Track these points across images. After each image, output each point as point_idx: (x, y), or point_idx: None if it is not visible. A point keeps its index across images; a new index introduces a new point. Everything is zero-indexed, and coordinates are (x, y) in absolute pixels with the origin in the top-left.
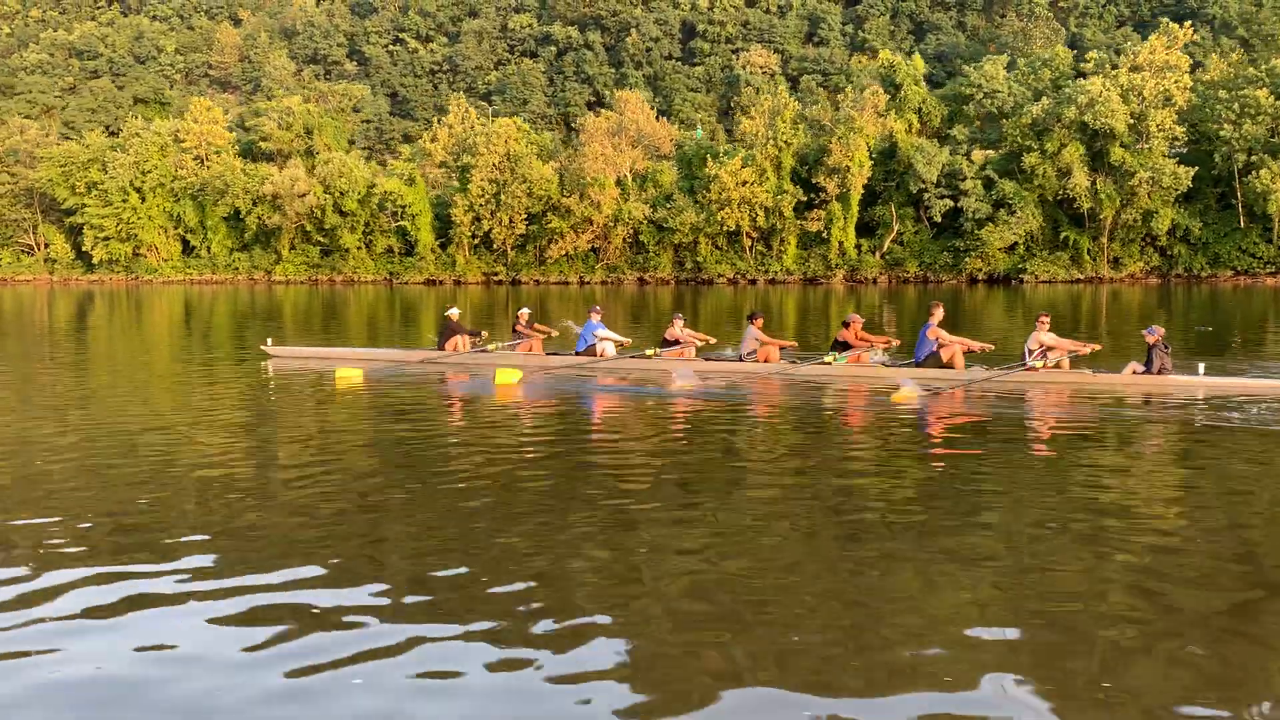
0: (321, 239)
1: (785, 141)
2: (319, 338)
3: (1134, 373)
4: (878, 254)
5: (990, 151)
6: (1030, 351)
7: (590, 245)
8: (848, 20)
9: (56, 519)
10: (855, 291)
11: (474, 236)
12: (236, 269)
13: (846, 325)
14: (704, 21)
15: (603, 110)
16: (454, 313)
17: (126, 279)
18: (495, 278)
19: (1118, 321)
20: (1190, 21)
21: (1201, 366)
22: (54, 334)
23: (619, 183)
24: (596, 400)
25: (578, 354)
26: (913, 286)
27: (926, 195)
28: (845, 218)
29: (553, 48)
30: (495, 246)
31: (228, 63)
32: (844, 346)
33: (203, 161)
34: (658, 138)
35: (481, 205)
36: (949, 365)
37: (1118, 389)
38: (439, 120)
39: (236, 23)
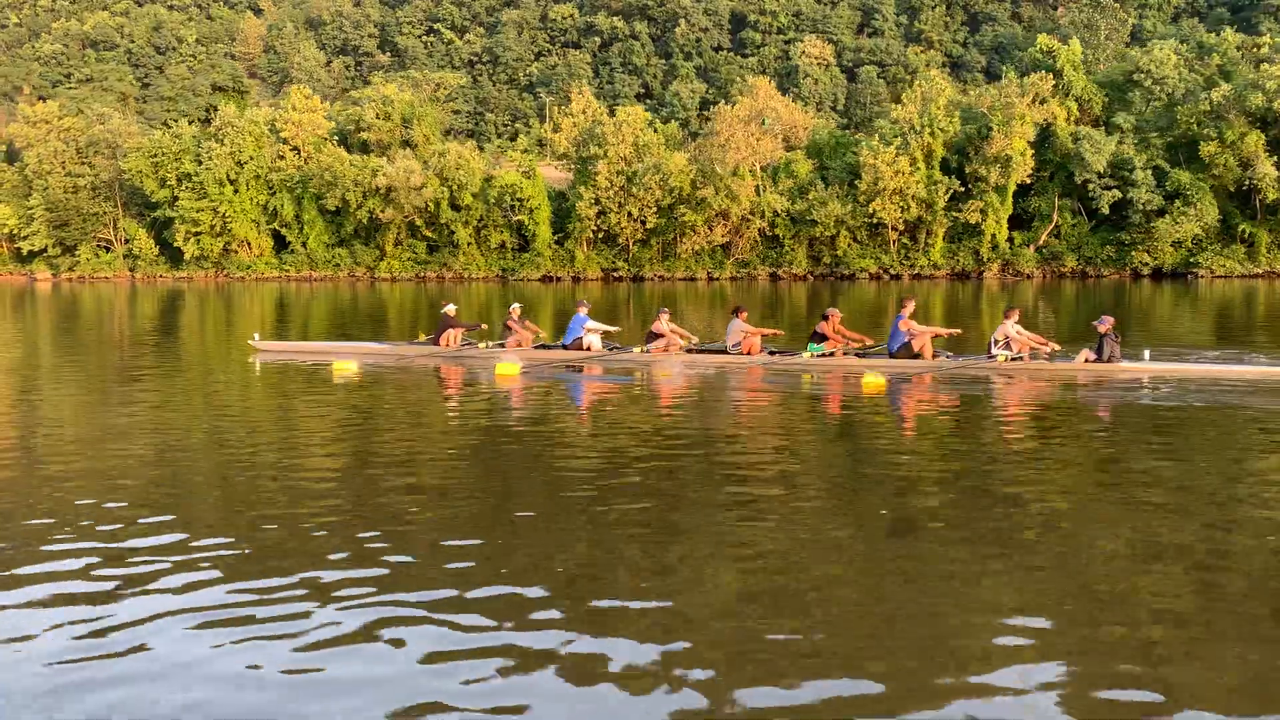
0: (430, 234)
1: (940, 129)
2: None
3: (1086, 360)
4: (1032, 247)
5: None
6: (996, 341)
7: (722, 240)
8: (901, 10)
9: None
10: (1009, 287)
11: (596, 231)
12: (337, 265)
13: (825, 318)
14: (755, 12)
15: (738, 99)
16: (451, 309)
17: (216, 276)
18: (616, 274)
19: None
20: None
21: (1147, 353)
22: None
23: (752, 173)
24: (585, 393)
25: (565, 347)
26: (1070, 281)
27: (1091, 186)
28: (1001, 209)
29: (596, 38)
30: (619, 241)
31: (252, 54)
32: (821, 338)
33: (299, 152)
34: (794, 126)
35: (609, 198)
36: (919, 355)
37: (1064, 376)
38: (560, 109)
39: (258, 13)
